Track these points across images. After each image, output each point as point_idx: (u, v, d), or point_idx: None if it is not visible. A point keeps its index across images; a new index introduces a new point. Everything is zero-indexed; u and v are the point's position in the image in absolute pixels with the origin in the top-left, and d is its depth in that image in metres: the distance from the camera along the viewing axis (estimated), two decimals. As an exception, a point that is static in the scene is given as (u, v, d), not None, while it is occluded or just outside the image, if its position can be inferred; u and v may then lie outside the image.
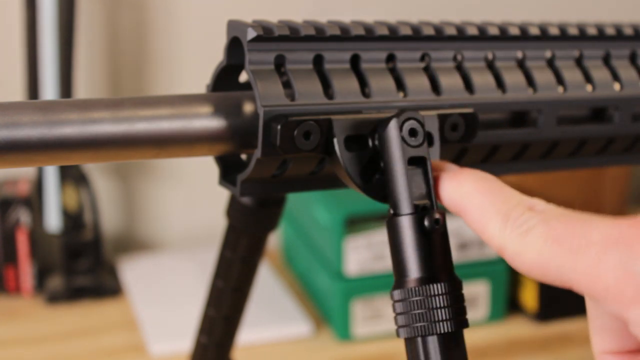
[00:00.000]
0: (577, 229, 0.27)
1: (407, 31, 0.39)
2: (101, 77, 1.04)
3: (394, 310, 0.33)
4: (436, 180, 0.34)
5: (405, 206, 0.33)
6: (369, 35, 0.38)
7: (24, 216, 0.95)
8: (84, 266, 0.96)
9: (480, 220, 0.31)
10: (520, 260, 0.29)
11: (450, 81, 0.39)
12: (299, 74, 0.36)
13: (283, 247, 1.07)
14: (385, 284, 0.86)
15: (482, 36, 0.41)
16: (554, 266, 0.27)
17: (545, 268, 0.28)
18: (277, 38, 0.36)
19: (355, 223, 0.84)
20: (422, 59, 0.40)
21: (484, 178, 0.32)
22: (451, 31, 0.40)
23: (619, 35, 0.44)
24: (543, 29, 0.42)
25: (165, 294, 0.96)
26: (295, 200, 0.97)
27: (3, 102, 0.32)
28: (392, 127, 0.34)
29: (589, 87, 0.43)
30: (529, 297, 0.91)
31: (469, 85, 0.40)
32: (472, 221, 0.32)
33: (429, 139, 0.36)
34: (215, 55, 0.44)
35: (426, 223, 0.33)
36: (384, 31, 0.38)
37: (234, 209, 0.45)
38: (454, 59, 0.40)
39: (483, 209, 0.31)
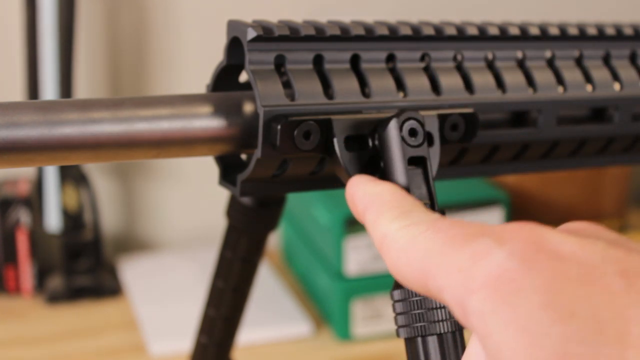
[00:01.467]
0: (458, 225, 0.26)
1: (407, 31, 0.39)
2: (101, 77, 1.04)
3: (394, 310, 0.32)
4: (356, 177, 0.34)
5: None
6: (369, 35, 0.38)
7: (24, 216, 0.95)
8: (84, 266, 0.96)
9: (379, 211, 0.30)
10: (391, 248, 0.28)
11: (450, 81, 0.39)
12: (299, 74, 0.36)
13: (283, 247, 1.07)
14: (385, 284, 0.86)
15: (482, 36, 0.41)
16: (420, 254, 0.26)
17: (412, 257, 0.27)
18: (277, 38, 0.36)
19: (355, 223, 0.84)
20: (422, 59, 0.40)
21: (403, 191, 0.32)
22: (451, 31, 0.40)
23: (619, 35, 0.44)
24: (543, 29, 0.42)
25: (165, 294, 0.96)
26: (295, 200, 0.97)
27: (3, 102, 0.32)
28: (392, 127, 0.34)
29: (589, 87, 0.43)
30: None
31: (469, 85, 0.40)
32: (371, 212, 0.31)
33: (429, 139, 0.36)
34: (215, 55, 0.44)
35: None
36: (384, 31, 0.38)
37: (234, 209, 0.45)
38: (454, 59, 0.40)
39: (389, 204, 0.30)
